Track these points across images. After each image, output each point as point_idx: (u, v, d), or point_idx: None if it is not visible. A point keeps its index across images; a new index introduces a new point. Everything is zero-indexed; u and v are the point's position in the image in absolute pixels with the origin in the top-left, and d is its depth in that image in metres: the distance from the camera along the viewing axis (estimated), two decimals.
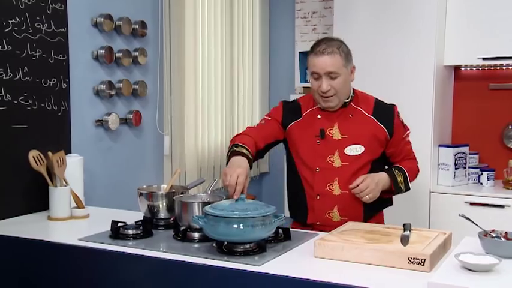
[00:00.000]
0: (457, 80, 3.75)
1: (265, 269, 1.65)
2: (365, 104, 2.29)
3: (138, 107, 3.12)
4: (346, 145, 2.22)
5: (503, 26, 3.29)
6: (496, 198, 3.19)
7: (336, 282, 1.54)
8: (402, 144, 2.31)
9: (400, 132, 2.30)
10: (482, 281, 1.43)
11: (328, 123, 2.25)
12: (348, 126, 2.24)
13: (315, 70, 2.19)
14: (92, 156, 2.80)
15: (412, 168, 2.34)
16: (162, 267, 1.78)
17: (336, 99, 2.21)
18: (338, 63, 2.17)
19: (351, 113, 2.27)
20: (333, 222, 2.21)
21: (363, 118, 2.26)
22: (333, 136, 2.24)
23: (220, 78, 3.86)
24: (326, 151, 2.23)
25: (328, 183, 2.23)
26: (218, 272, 1.69)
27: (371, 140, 2.23)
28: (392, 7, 3.42)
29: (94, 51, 2.84)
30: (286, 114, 2.33)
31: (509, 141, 3.62)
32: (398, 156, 2.32)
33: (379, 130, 2.25)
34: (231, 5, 3.95)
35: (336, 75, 2.17)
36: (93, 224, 2.26)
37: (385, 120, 2.26)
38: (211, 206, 1.81)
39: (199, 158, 3.63)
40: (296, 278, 1.59)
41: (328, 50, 2.17)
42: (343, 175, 2.21)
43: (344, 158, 2.22)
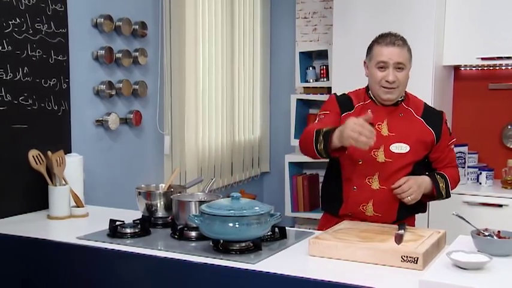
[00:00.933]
0: (456, 79, 3.76)
1: (260, 267, 1.67)
2: (415, 105, 2.29)
3: (138, 107, 3.14)
4: (393, 142, 2.21)
5: (502, 26, 3.30)
6: (495, 197, 3.20)
7: (330, 280, 1.56)
8: (447, 151, 2.29)
9: (447, 138, 2.29)
10: (473, 278, 1.45)
11: (378, 118, 2.22)
12: (397, 124, 2.24)
13: (383, 59, 2.18)
14: (92, 155, 2.82)
15: (453, 176, 2.30)
16: (159, 265, 1.80)
17: (397, 92, 2.21)
18: (405, 55, 2.20)
19: (402, 112, 2.26)
20: (365, 216, 2.21)
21: (412, 118, 2.26)
22: (381, 131, 2.22)
23: (221, 78, 3.88)
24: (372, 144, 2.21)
25: (368, 176, 2.22)
26: (214, 270, 1.71)
27: (417, 141, 2.22)
28: (391, 7, 3.43)
29: (94, 52, 2.86)
30: (341, 105, 2.31)
31: (508, 141, 3.63)
32: (442, 163, 2.29)
33: (426, 132, 2.25)
34: (232, 5, 3.97)
35: (403, 66, 2.19)
36: (93, 222, 2.28)
37: (434, 124, 2.26)
38: (208, 205, 1.83)
39: (200, 157, 3.65)
40: (290, 276, 1.61)
41: (399, 42, 2.20)
42: (384, 171, 2.21)
43: (388, 154, 2.21)
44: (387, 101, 2.23)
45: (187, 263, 1.75)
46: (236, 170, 4.13)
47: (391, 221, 2.18)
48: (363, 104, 2.28)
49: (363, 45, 3.52)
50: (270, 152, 4.57)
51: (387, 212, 2.20)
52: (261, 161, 4.47)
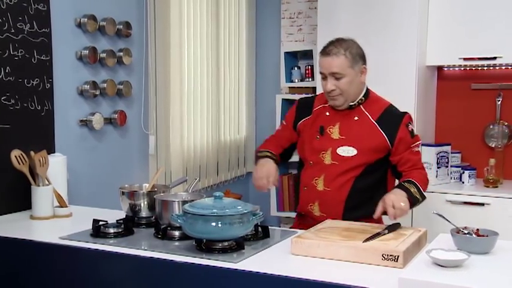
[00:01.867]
0: (439, 79, 3.80)
1: (242, 266, 1.68)
2: (375, 108, 2.31)
3: (122, 106, 3.13)
4: (340, 145, 2.26)
5: (484, 27, 3.34)
6: (477, 196, 3.24)
7: (312, 279, 1.57)
8: (407, 153, 2.27)
9: (406, 141, 2.27)
10: (451, 276, 1.47)
11: (331, 121, 2.31)
12: (349, 128, 2.28)
13: (321, 70, 2.27)
14: (77, 156, 2.81)
15: (420, 178, 2.26)
16: (142, 265, 1.81)
17: (342, 99, 2.26)
18: (343, 64, 2.21)
19: (357, 116, 2.30)
20: (313, 215, 2.30)
21: (366, 123, 2.29)
22: (331, 135, 2.29)
23: (206, 78, 3.88)
24: (321, 147, 2.30)
25: (315, 177, 2.29)
26: (197, 269, 1.72)
27: (367, 145, 2.25)
28: (375, 8, 3.46)
29: (78, 52, 2.85)
30: (299, 113, 2.44)
31: (490, 141, 3.67)
32: (404, 165, 2.28)
33: (379, 137, 2.26)
34: (217, 4, 3.97)
35: (341, 75, 2.22)
36: (76, 222, 2.27)
37: (389, 127, 2.26)
38: (190, 205, 1.84)
39: (185, 157, 3.65)
40: (272, 275, 1.62)
41: (334, 51, 2.23)
42: (329, 173, 2.26)
43: (335, 157, 2.26)
44: (336, 107, 2.31)
45: (170, 263, 1.76)
46: (222, 169, 4.14)
47: None
48: (324, 106, 2.37)
49: None
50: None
51: (333, 213, 2.24)
52: (246, 161, 4.48)
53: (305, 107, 2.43)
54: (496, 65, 3.51)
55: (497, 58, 3.33)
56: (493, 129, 3.66)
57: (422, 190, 2.25)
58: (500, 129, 3.61)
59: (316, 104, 2.40)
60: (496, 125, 3.64)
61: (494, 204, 3.18)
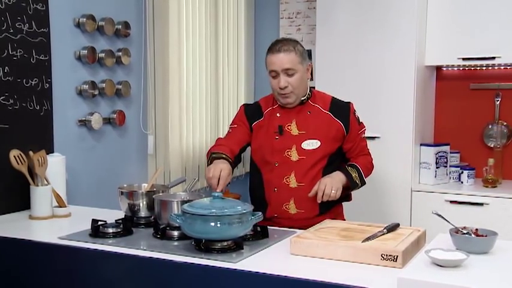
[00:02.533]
0: (438, 79, 3.80)
1: (241, 266, 1.68)
2: (322, 101, 2.39)
3: (121, 106, 3.13)
4: (303, 140, 2.32)
5: (482, 27, 3.34)
6: (476, 196, 3.24)
7: (311, 278, 1.57)
8: (357, 140, 2.40)
9: (356, 128, 2.39)
10: (450, 276, 1.47)
11: (286, 120, 2.36)
12: (306, 122, 2.34)
13: (273, 68, 2.29)
14: (75, 155, 2.81)
15: (365, 164, 2.41)
16: (141, 265, 1.80)
17: (294, 96, 2.31)
18: (294, 60, 2.27)
19: (309, 110, 2.36)
20: (289, 215, 2.32)
21: (320, 114, 2.36)
22: (291, 132, 2.34)
23: (205, 78, 3.87)
24: (284, 146, 2.33)
25: (285, 176, 2.33)
26: (196, 269, 1.72)
27: (327, 134, 2.32)
28: (374, 8, 3.46)
29: (76, 52, 2.85)
30: (250, 116, 2.44)
31: (489, 141, 3.67)
32: (353, 152, 2.40)
33: (335, 125, 2.35)
34: (216, 4, 3.97)
35: (293, 71, 2.27)
36: (75, 222, 2.27)
37: (342, 116, 2.36)
38: (189, 204, 1.83)
39: (184, 157, 3.65)
40: (272, 275, 1.61)
41: (284, 48, 2.28)
42: (299, 168, 2.31)
43: (301, 152, 2.31)
44: (288, 105, 2.34)
45: (169, 263, 1.76)
46: None
47: (314, 215, 2.29)
48: (272, 108, 2.40)
49: (346, 46, 3.57)
50: None
51: (309, 207, 2.30)
52: (245, 161, 4.47)
53: (254, 110, 2.44)
54: (495, 65, 3.52)
55: (496, 58, 3.33)
56: (492, 129, 3.66)
57: (364, 176, 2.36)
58: (499, 129, 3.62)
59: (263, 107, 2.43)
60: (494, 125, 3.65)
61: (493, 204, 3.18)
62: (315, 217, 2.30)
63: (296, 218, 2.30)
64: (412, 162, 3.41)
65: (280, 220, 2.33)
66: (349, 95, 3.42)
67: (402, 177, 3.40)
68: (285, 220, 2.32)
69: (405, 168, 3.38)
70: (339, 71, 3.57)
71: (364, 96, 3.50)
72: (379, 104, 3.46)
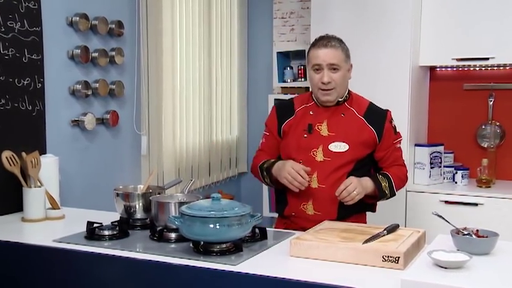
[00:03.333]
0: (432, 80, 3.80)
1: (241, 269, 1.66)
2: (358, 105, 2.33)
3: (115, 107, 3.09)
4: (331, 141, 2.26)
5: (476, 28, 3.34)
6: (470, 196, 3.24)
7: (311, 281, 1.55)
8: (391, 149, 2.32)
9: (391, 137, 2.32)
10: (454, 277, 1.46)
11: (318, 119, 2.30)
12: (337, 124, 2.29)
13: (318, 62, 2.24)
14: (68, 156, 2.77)
15: (398, 175, 2.32)
16: (138, 267, 1.78)
17: (335, 93, 2.27)
18: (340, 56, 2.25)
19: (343, 112, 2.31)
20: (306, 215, 2.26)
21: (353, 118, 2.30)
22: (320, 132, 2.28)
23: (198, 78, 3.85)
24: (311, 145, 2.28)
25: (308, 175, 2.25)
26: (194, 272, 1.70)
27: (357, 139, 2.26)
28: (368, 8, 3.45)
29: (69, 51, 2.81)
30: (280, 117, 2.40)
31: (482, 141, 3.68)
32: (386, 162, 2.32)
33: (367, 131, 2.28)
34: (209, 5, 3.95)
35: (338, 67, 2.24)
36: (69, 225, 2.24)
37: (376, 123, 2.29)
38: (188, 206, 1.81)
39: (177, 158, 3.62)
40: (272, 278, 1.60)
41: (332, 43, 2.25)
42: (323, 170, 2.25)
43: (327, 153, 2.25)
44: (326, 103, 2.29)
45: (167, 265, 1.73)
46: (214, 170, 4.11)
47: (332, 219, 2.22)
48: (306, 106, 2.35)
49: None
50: (248, 152, 4.55)
51: (327, 211, 2.23)
52: (238, 161, 4.46)
53: (286, 109, 2.40)
54: (488, 65, 3.52)
55: (490, 59, 3.34)
56: (485, 129, 3.67)
57: (395, 187, 2.29)
58: (492, 130, 3.63)
59: (296, 105, 2.39)
60: (488, 125, 3.65)
61: (487, 204, 3.18)
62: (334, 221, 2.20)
63: (313, 219, 2.21)
64: (407, 162, 3.39)
65: (297, 219, 2.28)
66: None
67: None
68: (301, 220, 2.26)
69: None
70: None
71: None
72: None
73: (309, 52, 2.28)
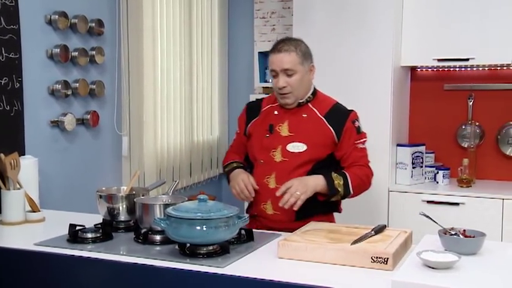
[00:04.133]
0: (413, 80, 3.82)
1: (228, 271, 1.64)
2: (322, 106, 2.34)
3: (95, 107, 3.04)
4: (290, 142, 2.28)
5: (457, 29, 3.37)
6: (452, 196, 3.27)
7: (300, 282, 1.54)
8: (351, 149, 2.29)
9: (352, 137, 2.29)
10: (444, 278, 1.46)
11: (280, 119, 2.33)
12: (298, 125, 2.30)
13: (273, 67, 2.27)
14: (48, 158, 2.71)
15: (357, 174, 2.27)
16: (123, 271, 1.74)
17: (293, 97, 2.28)
18: (294, 60, 2.24)
19: (305, 113, 2.33)
20: (267, 215, 2.29)
21: (314, 119, 2.31)
22: (280, 132, 2.30)
23: (179, 78, 3.82)
24: (271, 145, 2.30)
25: (266, 175, 2.30)
26: (181, 274, 1.67)
27: (316, 140, 2.27)
28: (350, 8, 3.46)
29: (48, 50, 2.75)
30: (249, 117, 2.45)
31: (462, 141, 3.71)
32: (347, 161, 2.30)
33: (326, 132, 2.29)
34: (190, 4, 3.91)
35: (292, 72, 2.24)
36: (50, 228, 2.19)
37: (336, 123, 2.29)
38: (174, 208, 1.78)
39: (159, 159, 3.58)
40: (260, 280, 1.58)
41: (285, 48, 2.25)
42: (281, 170, 2.27)
43: (285, 154, 2.27)
44: (286, 106, 2.32)
45: (153, 268, 1.70)
46: (195, 171, 4.08)
47: (291, 219, 2.23)
48: (272, 106, 2.38)
49: (322, 46, 3.55)
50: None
51: (286, 211, 2.22)
52: (219, 162, 4.42)
53: (253, 110, 2.45)
54: (468, 66, 3.56)
55: (470, 59, 3.36)
56: (465, 129, 3.70)
57: (352, 186, 2.24)
58: (472, 130, 3.66)
59: (264, 104, 2.43)
60: (468, 125, 3.69)
61: (469, 204, 3.21)
62: (292, 222, 2.22)
63: (273, 219, 2.26)
64: (389, 162, 3.41)
65: (261, 219, 2.31)
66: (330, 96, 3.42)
67: (379, 178, 3.38)
68: (263, 219, 2.30)
69: (382, 168, 3.38)
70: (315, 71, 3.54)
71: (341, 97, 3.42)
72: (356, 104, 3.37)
73: (268, 57, 2.32)
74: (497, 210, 3.14)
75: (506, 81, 3.60)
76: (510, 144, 3.59)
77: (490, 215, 3.15)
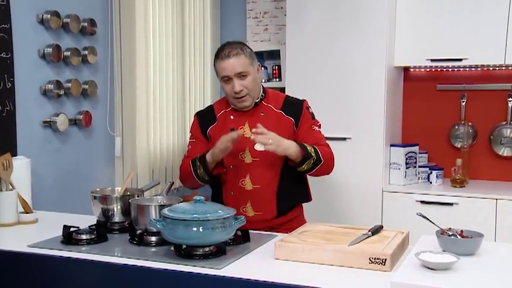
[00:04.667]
0: (405, 80, 3.83)
1: (226, 273, 1.62)
2: (275, 101, 2.37)
3: (87, 107, 3.02)
4: (255, 142, 2.24)
5: (451, 29, 3.37)
6: (446, 196, 3.27)
7: (298, 284, 1.52)
8: (309, 131, 2.34)
9: (308, 121, 2.35)
10: (443, 278, 1.45)
11: (239, 122, 2.33)
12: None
13: (225, 74, 2.25)
14: (40, 158, 2.68)
15: (324, 150, 2.30)
16: (118, 272, 1.72)
17: (250, 98, 2.29)
18: (244, 62, 2.25)
19: (262, 111, 2.34)
20: (248, 217, 2.21)
21: (272, 114, 2.34)
22: (244, 134, 2.29)
23: (172, 78, 3.79)
24: (237, 149, 2.29)
25: (240, 179, 2.30)
26: (177, 276, 1.65)
27: (279, 134, 2.25)
28: (344, 8, 3.45)
29: (41, 50, 2.73)
30: (203, 124, 2.41)
31: (455, 141, 3.72)
32: (308, 142, 2.31)
33: (286, 122, 2.33)
34: (182, 4, 3.89)
35: (246, 74, 2.25)
36: (43, 229, 2.16)
37: (293, 112, 2.34)
38: (170, 209, 1.76)
39: (151, 159, 3.55)
40: (258, 281, 1.56)
41: (234, 52, 2.25)
42: (254, 170, 2.28)
43: (254, 154, 2.28)
44: (244, 108, 2.32)
45: (148, 270, 1.68)
46: None
47: (273, 216, 2.28)
48: (225, 111, 2.37)
49: (316, 46, 3.55)
50: None
51: (267, 209, 2.27)
52: None
53: (207, 116, 2.41)
54: (461, 66, 3.56)
55: (463, 59, 3.37)
56: (458, 129, 3.71)
57: (322, 155, 2.26)
58: (465, 130, 3.67)
59: (216, 110, 2.40)
60: (461, 125, 3.70)
61: (462, 204, 3.22)
62: (274, 219, 2.28)
63: (254, 220, 2.25)
64: (383, 162, 3.41)
65: None
66: (320, 95, 3.43)
67: (373, 178, 3.41)
68: None
69: (376, 168, 3.38)
70: (308, 71, 3.55)
71: (335, 97, 3.48)
72: (350, 104, 3.45)
73: (215, 64, 2.30)
74: (491, 210, 3.15)
75: (499, 81, 3.61)
76: (503, 144, 3.60)
77: (484, 215, 3.16)
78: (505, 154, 3.60)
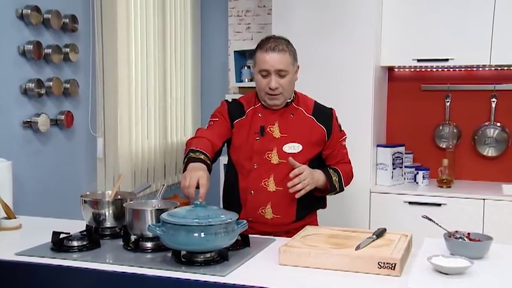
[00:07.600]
0: (390, 80, 3.81)
1: (230, 280, 1.55)
2: (305, 104, 2.30)
3: (69, 107, 2.90)
4: (285, 143, 2.21)
5: (436, 30, 3.36)
6: (433, 196, 3.26)
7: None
8: (338, 147, 2.32)
9: (337, 135, 2.31)
10: (458, 283, 1.42)
11: (269, 121, 2.24)
12: (288, 125, 2.24)
13: (265, 67, 2.15)
14: (20, 160, 2.56)
15: (346, 172, 2.32)
16: (113, 280, 1.63)
17: (282, 98, 2.21)
18: (287, 61, 2.16)
19: (292, 113, 2.26)
20: (265, 219, 2.20)
21: (303, 118, 2.26)
22: (273, 134, 2.23)
23: (153, 77, 3.71)
24: (264, 148, 2.22)
25: (263, 179, 2.21)
26: (179, 284, 1.57)
27: (309, 139, 2.23)
28: (330, 7, 3.41)
29: (20, 46, 2.61)
30: (233, 113, 2.29)
31: (440, 141, 3.72)
32: (334, 159, 2.31)
33: (318, 130, 2.25)
34: (163, 3, 3.80)
35: (285, 73, 2.16)
36: (28, 235, 2.05)
37: (325, 121, 2.28)
38: (169, 214, 1.68)
39: (133, 160, 3.45)
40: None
41: (280, 47, 2.15)
42: (279, 172, 2.20)
43: (282, 155, 2.20)
44: (274, 107, 2.24)
45: (146, 277, 1.60)
46: (169, 173, 3.96)
47: (291, 221, 2.21)
48: (254, 107, 2.28)
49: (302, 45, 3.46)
50: None
51: (286, 213, 2.21)
52: None
53: (236, 108, 2.29)
54: (445, 66, 3.57)
55: (449, 60, 3.37)
56: (443, 129, 3.71)
57: (344, 183, 2.28)
58: (450, 130, 3.67)
59: (245, 106, 2.30)
60: (445, 125, 3.70)
61: (450, 204, 3.21)
62: (291, 223, 2.21)
63: (272, 223, 2.19)
64: (370, 163, 3.39)
65: (255, 224, 2.19)
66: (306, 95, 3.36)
67: (361, 179, 3.36)
68: (259, 225, 2.19)
69: (364, 169, 3.35)
70: None
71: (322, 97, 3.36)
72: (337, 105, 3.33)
73: (256, 54, 2.19)
74: (479, 211, 3.15)
75: (483, 82, 3.63)
76: (487, 145, 3.62)
77: (471, 215, 3.16)
78: (489, 154, 3.61)
